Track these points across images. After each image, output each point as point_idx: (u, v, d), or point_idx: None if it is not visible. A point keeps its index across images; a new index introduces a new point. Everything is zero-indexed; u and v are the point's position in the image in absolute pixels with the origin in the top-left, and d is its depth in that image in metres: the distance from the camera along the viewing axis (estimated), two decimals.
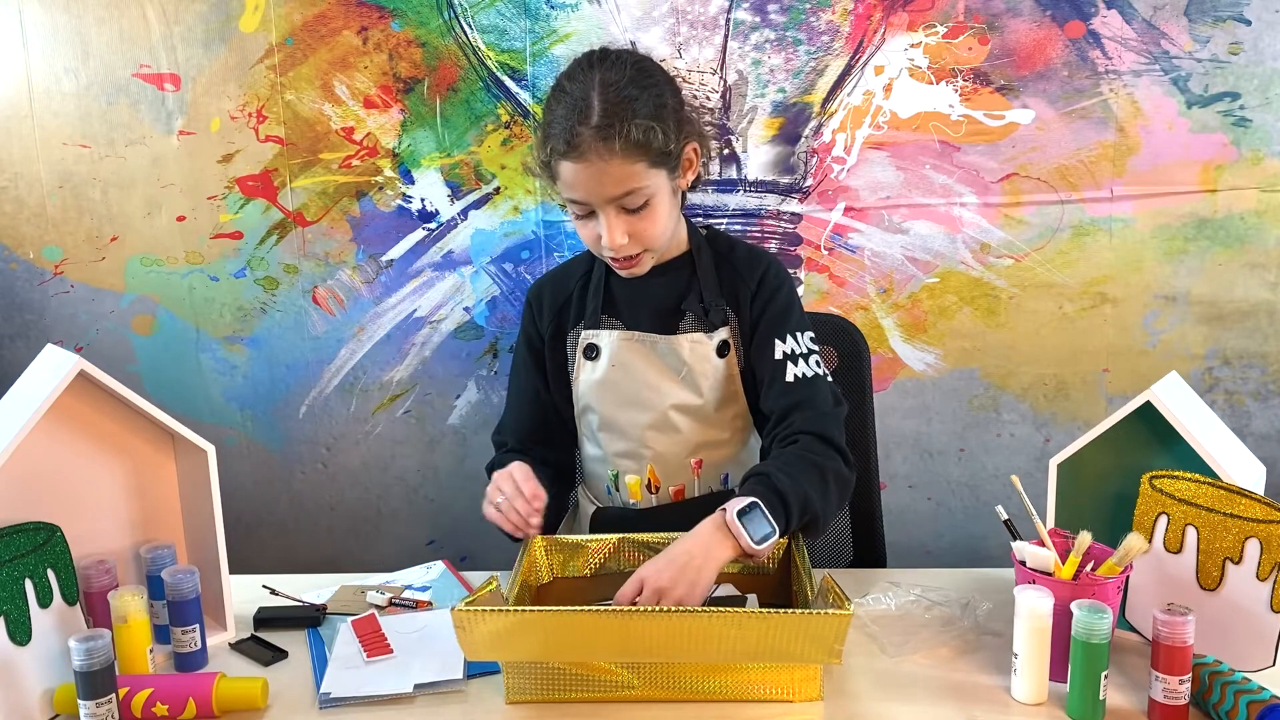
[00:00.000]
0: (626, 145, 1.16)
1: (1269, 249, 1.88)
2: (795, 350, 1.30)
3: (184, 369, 1.98)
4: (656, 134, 1.17)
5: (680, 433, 1.33)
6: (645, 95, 1.19)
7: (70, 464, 1.13)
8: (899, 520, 1.98)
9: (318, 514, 2.06)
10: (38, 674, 1.02)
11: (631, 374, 1.32)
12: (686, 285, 1.34)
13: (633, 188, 1.19)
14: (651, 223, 1.23)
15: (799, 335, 1.31)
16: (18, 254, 1.94)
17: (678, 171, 1.25)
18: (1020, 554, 1.09)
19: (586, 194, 1.20)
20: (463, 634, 0.99)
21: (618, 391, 1.33)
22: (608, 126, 1.16)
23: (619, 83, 1.18)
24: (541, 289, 1.42)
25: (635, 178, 1.19)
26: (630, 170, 1.18)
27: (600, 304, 1.35)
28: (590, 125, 1.16)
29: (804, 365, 1.29)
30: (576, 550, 1.23)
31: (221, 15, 1.85)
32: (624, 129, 1.15)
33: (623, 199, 1.20)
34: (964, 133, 1.86)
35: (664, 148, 1.19)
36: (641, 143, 1.17)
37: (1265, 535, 1.03)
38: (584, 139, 1.16)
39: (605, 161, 1.17)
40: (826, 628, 0.96)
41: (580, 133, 1.16)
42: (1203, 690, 0.99)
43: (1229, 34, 1.80)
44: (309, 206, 1.92)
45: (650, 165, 1.19)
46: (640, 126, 1.16)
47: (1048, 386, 1.96)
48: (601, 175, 1.18)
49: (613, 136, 1.15)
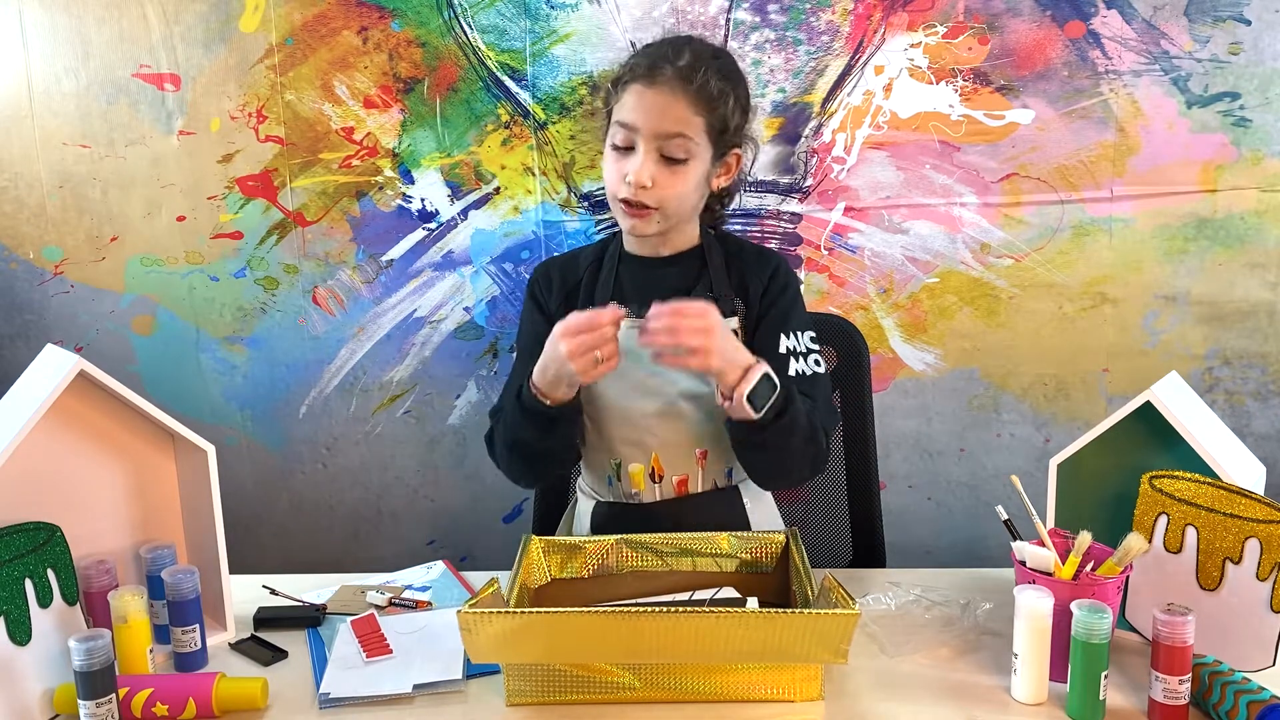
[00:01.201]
0: (700, 92, 1.23)
1: (1269, 249, 1.88)
2: (796, 348, 1.33)
3: (184, 369, 1.98)
4: (727, 101, 1.25)
5: (687, 421, 1.34)
6: (730, 70, 1.28)
7: (70, 464, 1.13)
8: (899, 520, 1.98)
9: (318, 514, 2.06)
10: (38, 674, 1.02)
11: (640, 361, 1.32)
12: (697, 276, 1.36)
13: (683, 132, 1.24)
14: (678, 180, 1.26)
15: (800, 334, 1.34)
16: (18, 254, 1.94)
17: (718, 164, 1.31)
18: (1020, 554, 1.09)
19: (640, 119, 1.24)
20: (468, 636, 0.99)
21: (626, 378, 1.33)
22: (691, 69, 1.23)
23: (712, 51, 1.28)
24: (550, 269, 1.44)
25: (690, 126, 1.24)
26: (690, 118, 1.24)
27: (610, 293, 1.37)
28: (676, 65, 1.23)
29: (804, 363, 1.32)
30: (574, 551, 1.23)
31: (221, 15, 1.85)
32: (704, 78, 1.23)
33: (668, 141, 1.24)
34: (964, 133, 1.86)
35: (724, 122, 1.26)
36: (712, 98, 1.24)
37: (1265, 535, 1.03)
38: (665, 71, 1.23)
39: (674, 95, 1.23)
40: (833, 627, 0.96)
41: (664, 67, 1.24)
42: (1203, 690, 0.99)
43: (1229, 34, 1.80)
44: (309, 206, 1.92)
45: (706, 126, 1.25)
46: (719, 86, 1.24)
47: (1048, 386, 1.96)
48: (665, 107, 1.23)
49: (692, 79, 1.23)
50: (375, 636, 1.16)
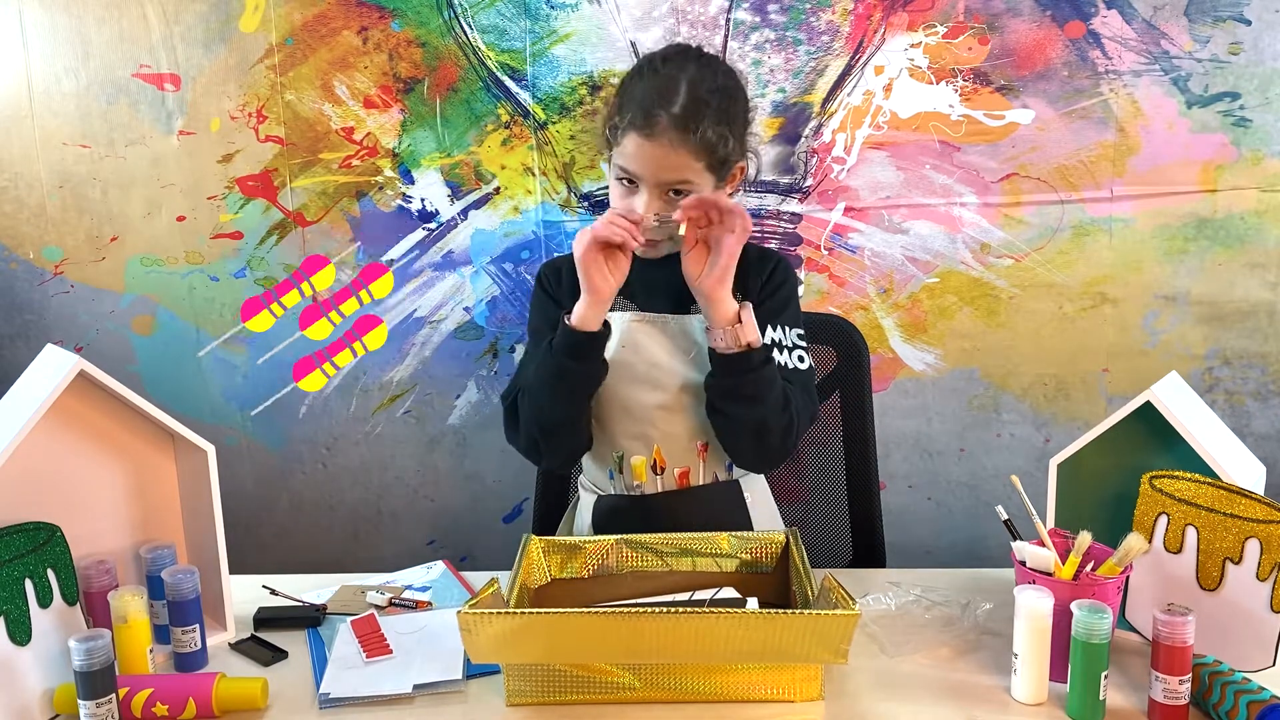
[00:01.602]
0: (699, 141, 1.23)
1: (1269, 249, 1.88)
2: (782, 340, 1.34)
3: (184, 369, 1.98)
4: (726, 142, 1.25)
5: (688, 414, 1.35)
6: (727, 103, 1.26)
7: (70, 464, 1.13)
8: (899, 520, 1.98)
9: (318, 514, 2.06)
10: (38, 674, 1.02)
11: (641, 354, 1.35)
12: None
13: (685, 179, 1.25)
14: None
15: (788, 329, 1.35)
16: (18, 254, 1.94)
17: (725, 181, 1.31)
18: (1020, 554, 1.09)
19: (642, 169, 1.26)
20: (468, 636, 0.99)
21: (629, 371, 1.35)
22: (687, 117, 1.22)
23: (709, 82, 1.25)
24: (560, 266, 1.44)
25: (692, 172, 1.25)
26: (691, 165, 1.24)
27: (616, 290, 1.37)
28: (671, 111, 1.22)
29: (788, 356, 1.34)
30: (574, 551, 1.23)
31: (221, 15, 1.85)
32: (700, 126, 1.22)
33: (672, 185, 1.26)
34: (964, 133, 1.86)
35: (725, 157, 1.26)
36: (711, 144, 1.24)
37: (1265, 535, 1.03)
38: (661, 120, 1.22)
39: (673, 147, 1.23)
40: (833, 628, 0.96)
41: (659, 113, 1.22)
42: (1203, 690, 0.99)
43: (1229, 34, 1.80)
44: (309, 206, 1.92)
45: (708, 167, 1.26)
46: (716, 131, 1.23)
47: (1048, 386, 1.96)
48: (664, 158, 1.24)
49: (689, 129, 1.22)
50: (375, 636, 1.16)
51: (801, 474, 1.63)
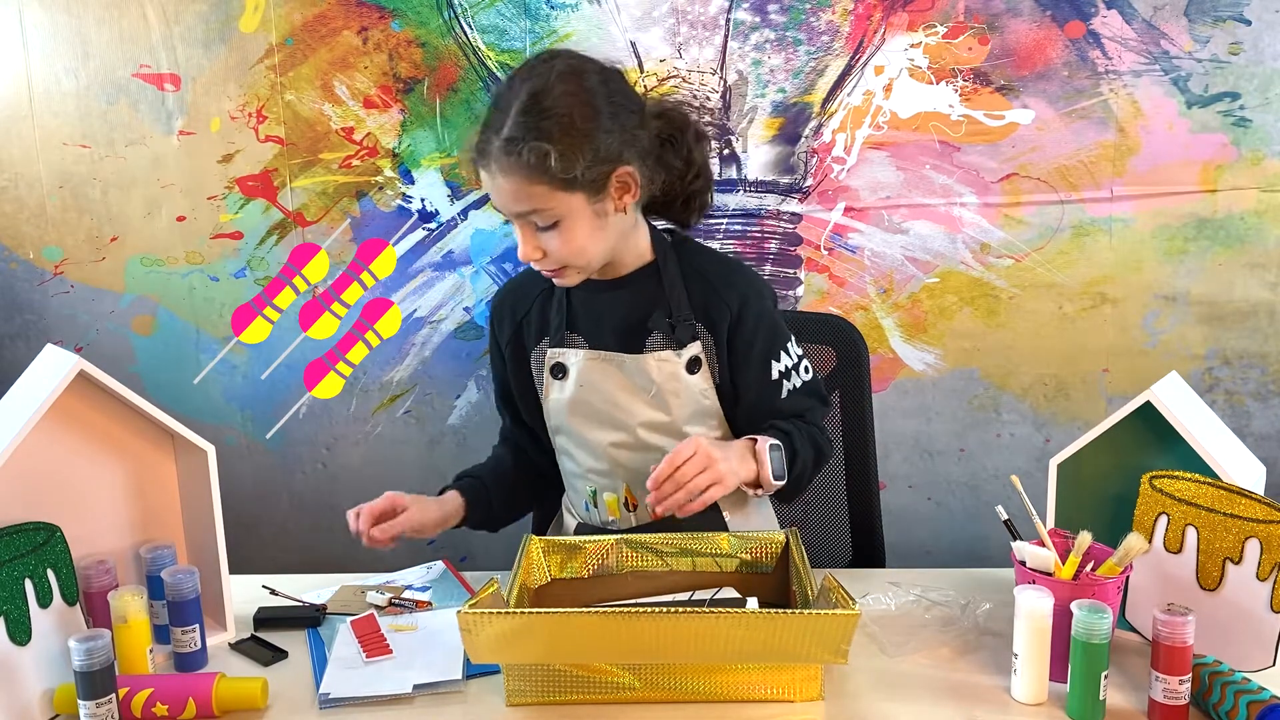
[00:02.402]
0: (523, 165, 1.14)
1: (1269, 249, 1.88)
2: (789, 365, 1.31)
3: (184, 369, 1.98)
4: (552, 159, 1.13)
5: (655, 451, 1.29)
6: (563, 116, 1.14)
7: (70, 464, 1.13)
8: (899, 520, 1.98)
9: (318, 514, 2.06)
10: (38, 674, 1.02)
11: (600, 393, 1.30)
12: (651, 300, 1.30)
13: (534, 207, 1.17)
14: (563, 242, 1.20)
15: (789, 348, 1.32)
16: (18, 254, 1.94)
17: (603, 195, 1.19)
18: (1020, 554, 1.09)
19: (495, 203, 1.22)
20: (468, 636, 0.99)
21: (588, 410, 1.31)
22: (511, 142, 1.14)
23: (541, 96, 1.15)
24: (504, 299, 1.40)
25: (535, 198, 1.16)
26: (529, 190, 1.15)
27: (564, 320, 1.32)
28: (502, 137, 1.15)
29: (796, 377, 1.32)
30: (574, 551, 1.23)
31: (221, 15, 1.85)
32: (521, 149, 1.13)
33: (527, 216, 1.18)
34: (964, 133, 1.86)
35: (565, 173, 1.14)
36: (537, 166, 1.13)
37: (1265, 535, 1.03)
38: (491, 149, 1.16)
39: (507, 177, 1.15)
40: (833, 628, 0.96)
41: (490, 141, 1.16)
42: (1203, 690, 0.99)
43: (1229, 34, 1.80)
44: (309, 206, 1.92)
45: (553, 188, 1.15)
46: (537, 150, 1.12)
47: (1048, 386, 1.96)
48: (501, 189, 1.17)
49: (513, 153, 1.14)
50: (375, 636, 1.16)
51: None
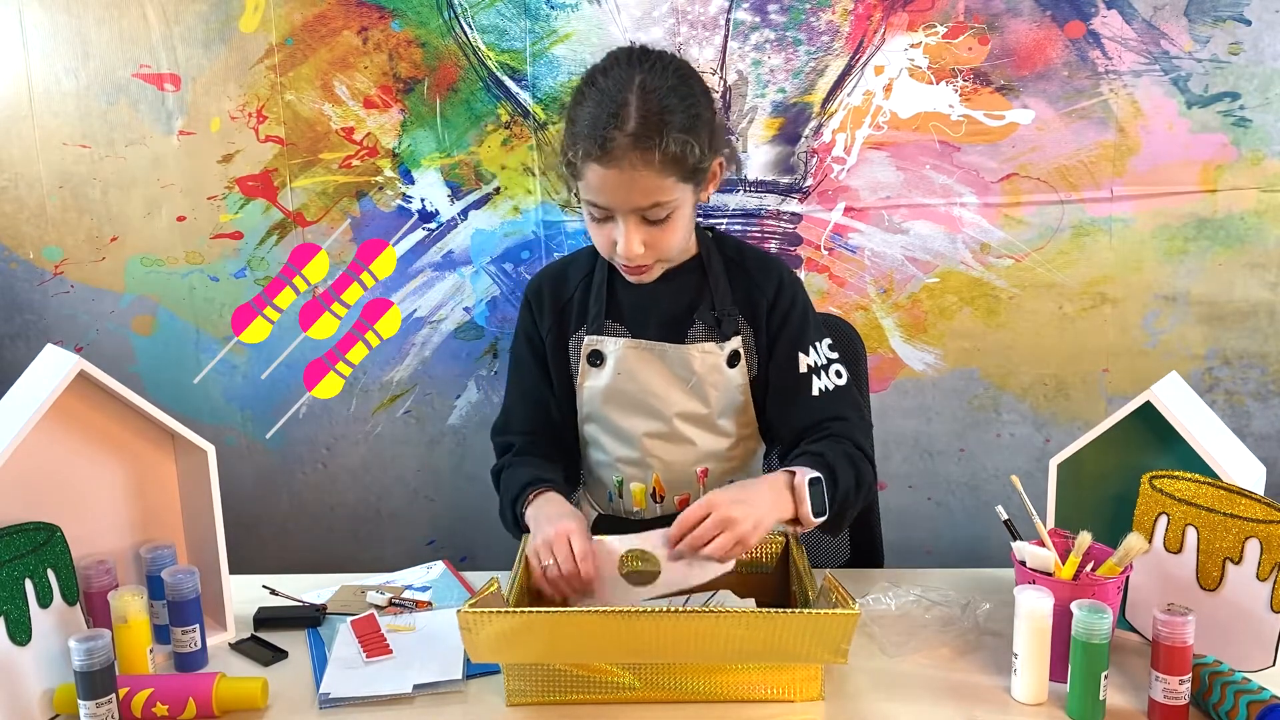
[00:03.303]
0: (664, 158, 1.12)
1: (1269, 249, 1.88)
2: (818, 363, 1.30)
3: (184, 369, 1.98)
4: (694, 149, 1.14)
5: (687, 442, 1.32)
6: (684, 106, 1.15)
7: (70, 464, 1.13)
8: (899, 520, 1.98)
9: (318, 514, 2.05)
10: (38, 674, 1.02)
11: (638, 381, 1.30)
12: (697, 292, 1.31)
13: (661, 200, 1.16)
14: (671, 234, 1.21)
15: (819, 346, 1.31)
16: (18, 254, 1.94)
17: (703, 185, 1.22)
18: (1020, 554, 1.09)
19: (611, 200, 1.17)
20: (468, 635, 0.99)
21: (624, 399, 1.32)
22: (646, 136, 1.11)
23: (660, 89, 1.14)
24: (541, 286, 1.39)
25: (665, 191, 1.15)
26: (662, 184, 1.15)
27: (604, 308, 1.32)
28: (627, 132, 1.11)
29: (827, 378, 1.30)
30: None
31: (221, 15, 1.85)
32: (663, 141, 1.11)
33: (648, 210, 1.17)
34: (964, 133, 1.86)
35: (698, 163, 1.16)
36: (679, 157, 1.13)
37: (1265, 535, 1.03)
38: (618, 145, 1.12)
39: (638, 171, 1.13)
40: (833, 627, 0.96)
41: (614, 138, 1.12)
42: (1203, 690, 0.99)
43: (1229, 34, 1.80)
44: (309, 206, 1.92)
45: (680, 180, 1.16)
46: (679, 141, 1.12)
47: (1048, 386, 1.96)
48: (632, 185, 1.14)
49: (652, 147, 1.11)
50: (375, 636, 1.16)
51: None
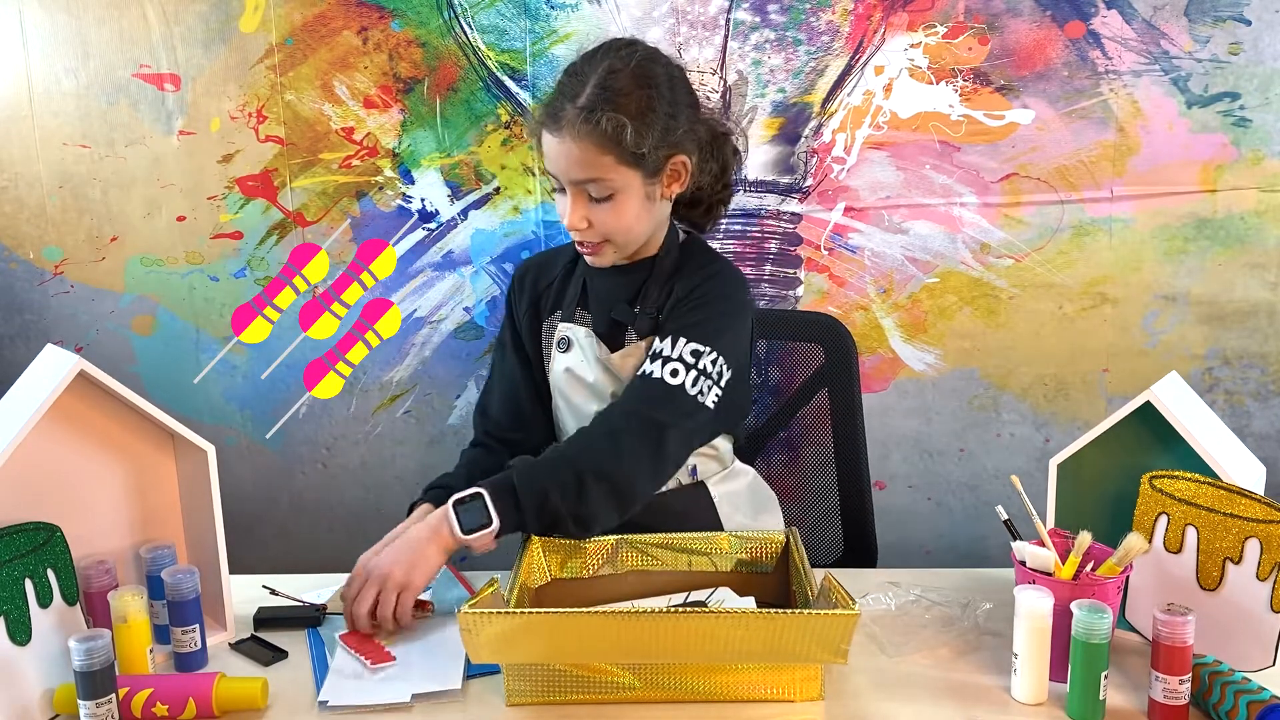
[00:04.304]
0: (598, 134, 1.18)
1: (1269, 249, 1.88)
2: (663, 352, 1.24)
3: (184, 369, 1.98)
4: (630, 133, 1.18)
5: None
6: (638, 93, 1.20)
7: (70, 464, 1.13)
8: (899, 520, 1.98)
9: (318, 514, 2.05)
10: (38, 674, 1.02)
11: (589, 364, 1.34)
12: (638, 289, 1.34)
13: (597, 176, 1.21)
14: (614, 216, 1.24)
15: (681, 342, 1.24)
16: (18, 254, 1.94)
17: (657, 178, 1.25)
18: (1020, 554, 1.09)
19: (555, 168, 1.24)
20: (468, 636, 0.99)
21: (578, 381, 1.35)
22: (590, 110, 1.18)
23: (621, 72, 1.20)
24: (526, 271, 1.45)
25: (601, 168, 1.21)
26: (599, 160, 1.20)
27: (578, 296, 1.37)
28: (576, 105, 1.19)
29: (659, 367, 1.23)
30: (574, 551, 1.23)
31: (221, 15, 1.85)
32: (600, 118, 1.18)
33: (587, 184, 1.22)
34: (964, 133, 1.86)
35: (635, 148, 1.19)
36: (611, 136, 1.18)
37: (1265, 535, 1.03)
38: (566, 115, 1.20)
39: (576, 142, 1.19)
40: (833, 627, 0.96)
41: (565, 108, 1.20)
42: (1203, 690, 0.99)
43: (1229, 34, 1.80)
44: (309, 206, 1.92)
45: (620, 161, 1.21)
46: (614, 121, 1.18)
47: (1048, 386, 1.96)
48: (569, 154, 1.21)
49: (591, 121, 1.18)
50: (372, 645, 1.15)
51: (793, 472, 1.63)
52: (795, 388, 1.61)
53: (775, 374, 1.64)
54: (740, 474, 1.42)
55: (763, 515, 1.43)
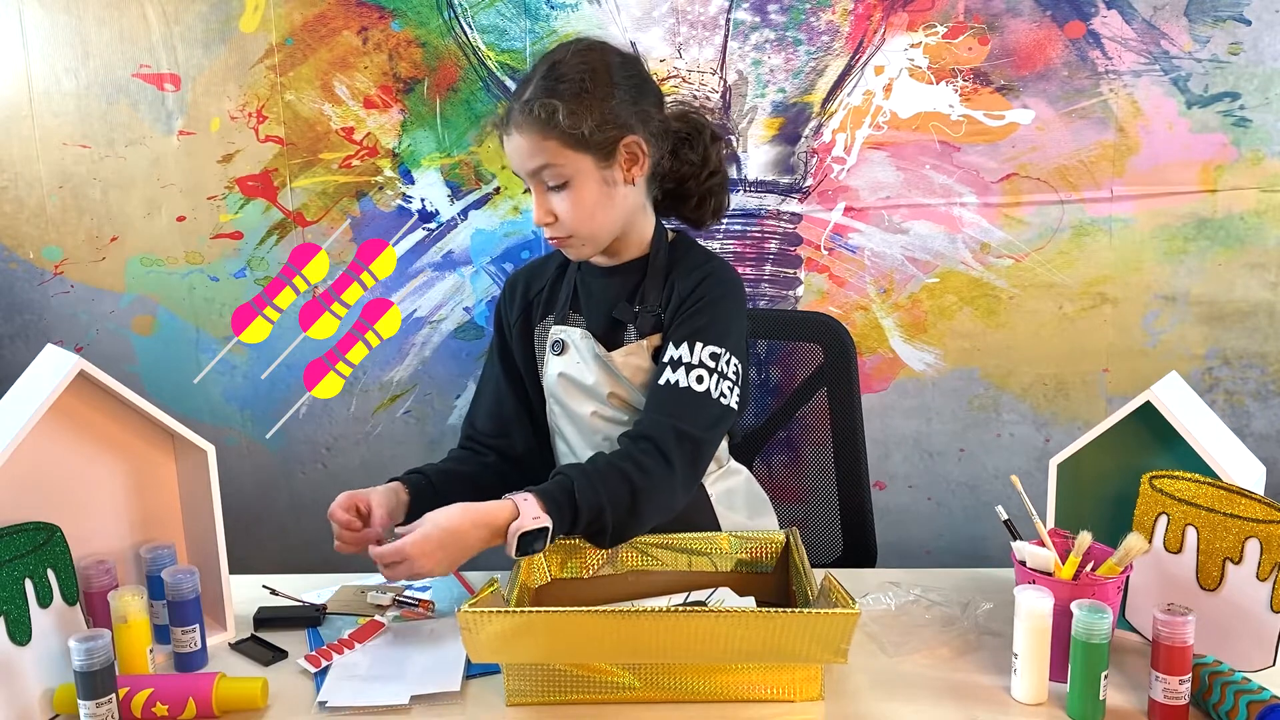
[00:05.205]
0: (537, 121, 1.21)
1: (1269, 249, 1.88)
2: (683, 358, 1.24)
3: (184, 369, 1.98)
4: (560, 114, 1.19)
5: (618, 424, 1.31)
6: (574, 78, 1.22)
7: (70, 464, 1.13)
8: (899, 520, 1.98)
9: (318, 514, 2.04)
10: (38, 674, 1.02)
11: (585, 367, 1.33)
12: (635, 288, 1.33)
13: (546, 162, 1.22)
14: (573, 205, 1.24)
15: (700, 348, 1.24)
16: (18, 254, 1.94)
17: (611, 161, 1.24)
18: (1020, 554, 1.09)
19: (514, 166, 1.27)
20: (468, 635, 0.99)
21: (574, 383, 1.34)
22: (527, 102, 1.22)
23: (560, 63, 1.23)
24: (519, 277, 1.45)
25: (546, 153, 1.22)
26: (540, 145, 1.21)
27: (570, 298, 1.37)
28: (520, 101, 1.23)
29: (684, 376, 1.22)
30: (574, 551, 1.23)
31: (221, 15, 1.85)
32: (534, 106, 1.21)
33: (540, 173, 1.23)
34: (964, 133, 1.86)
35: (573, 129, 1.20)
36: (546, 121, 1.20)
37: (1265, 535, 1.03)
38: (513, 113, 1.23)
39: (520, 134, 1.22)
40: (833, 627, 0.96)
41: (512, 107, 1.24)
42: (1203, 690, 0.99)
43: (1229, 34, 1.80)
44: (309, 206, 1.92)
45: (564, 145, 1.21)
46: (548, 106, 1.20)
47: (1048, 386, 1.96)
48: (518, 147, 1.23)
49: (527, 110, 1.21)
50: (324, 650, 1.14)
51: (793, 472, 1.63)
52: (795, 388, 1.61)
53: (775, 374, 1.64)
54: (735, 472, 1.42)
55: (758, 516, 1.43)
